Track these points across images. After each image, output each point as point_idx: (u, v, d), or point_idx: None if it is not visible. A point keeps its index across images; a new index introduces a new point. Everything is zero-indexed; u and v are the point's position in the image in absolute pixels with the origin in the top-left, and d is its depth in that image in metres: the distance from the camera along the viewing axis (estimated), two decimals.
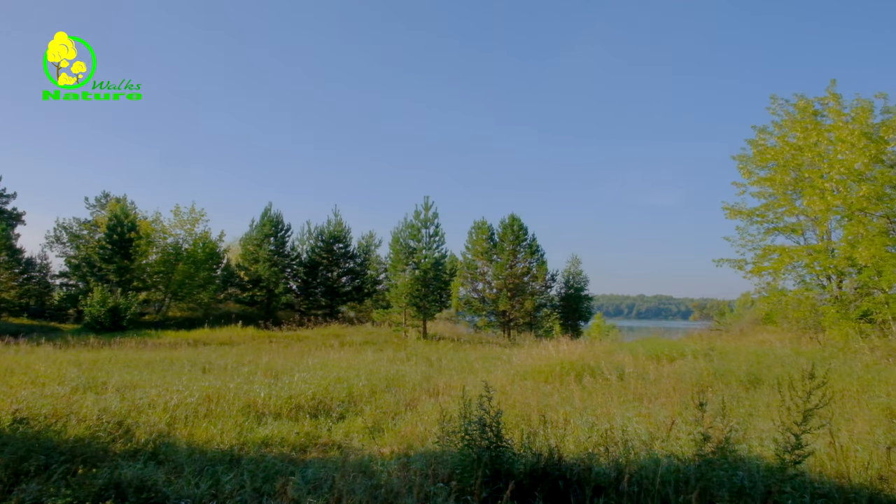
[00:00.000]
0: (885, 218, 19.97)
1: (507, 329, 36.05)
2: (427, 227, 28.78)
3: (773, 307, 23.30)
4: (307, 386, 10.51)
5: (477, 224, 38.20)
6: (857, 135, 19.92)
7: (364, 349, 20.07)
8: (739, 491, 4.49)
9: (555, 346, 15.94)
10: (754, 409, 8.63)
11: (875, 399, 8.88)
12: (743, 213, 23.87)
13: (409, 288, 27.63)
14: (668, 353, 14.97)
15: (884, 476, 5.24)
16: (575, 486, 4.89)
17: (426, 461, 5.46)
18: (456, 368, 14.85)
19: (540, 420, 7.39)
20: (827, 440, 5.83)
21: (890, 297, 18.87)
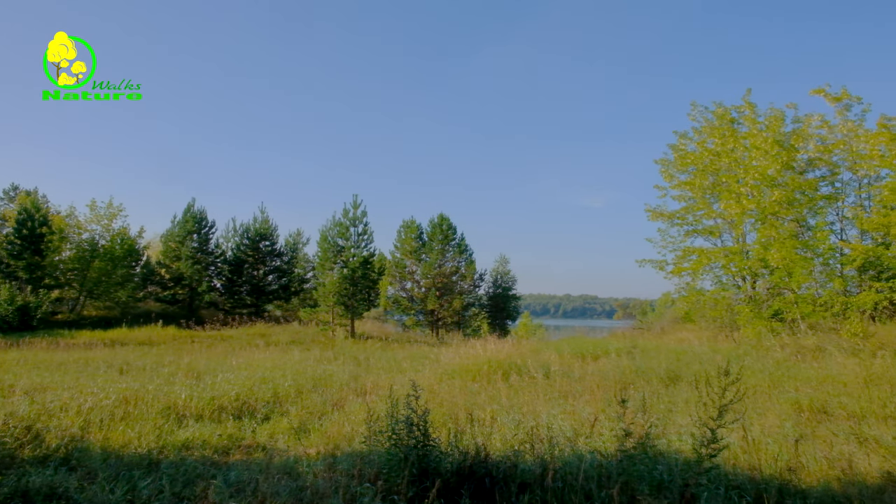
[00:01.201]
0: (794, 222, 21.00)
1: (436, 328, 36.16)
2: (356, 225, 28.55)
3: (692, 306, 24.17)
4: (231, 387, 10.25)
5: (406, 223, 38.20)
6: (771, 142, 20.87)
7: (290, 349, 19.72)
8: (659, 484, 4.62)
9: (482, 345, 16.06)
10: (673, 405, 8.90)
11: (785, 394, 9.31)
12: (664, 216, 24.67)
13: (337, 287, 27.34)
14: (592, 352, 15.31)
15: (792, 467, 5.50)
16: (501, 484, 4.92)
17: (353, 461, 5.40)
18: (384, 368, 14.78)
19: (467, 418, 7.42)
20: (740, 434, 6.06)
21: (799, 298, 19.86)
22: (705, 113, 24.22)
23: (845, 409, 8.20)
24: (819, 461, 5.81)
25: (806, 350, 14.22)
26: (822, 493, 4.98)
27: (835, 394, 9.07)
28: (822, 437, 6.80)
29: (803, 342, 15.36)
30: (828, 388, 9.61)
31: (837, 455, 5.98)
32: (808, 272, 19.72)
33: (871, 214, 20.66)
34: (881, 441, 6.51)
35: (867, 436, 6.77)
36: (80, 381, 10.70)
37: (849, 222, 21.71)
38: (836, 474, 5.47)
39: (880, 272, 19.88)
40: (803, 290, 20.19)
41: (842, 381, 9.95)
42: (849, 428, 7.21)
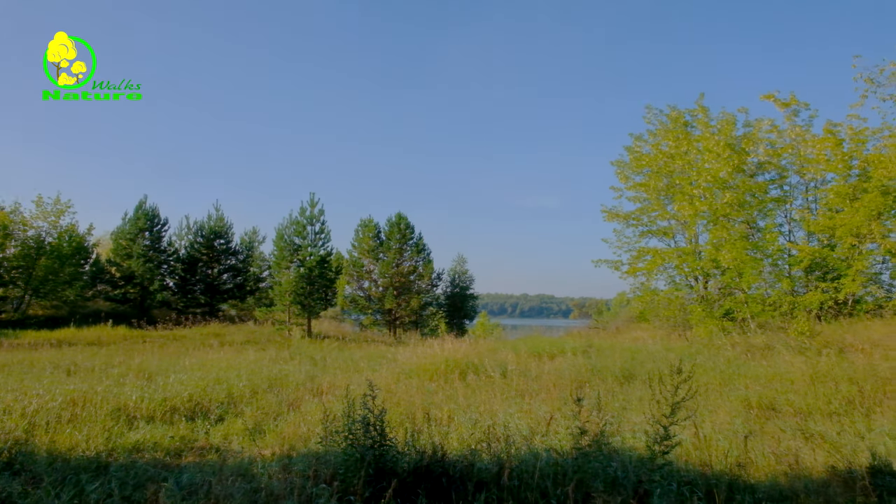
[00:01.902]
0: (745, 223, 21.52)
1: (393, 327, 36.05)
2: (313, 223, 28.28)
3: (647, 306, 24.58)
4: (183, 387, 10.04)
5: (364, 222, 37.97)
6: (723, 145, 21.35)
7: (245, 348, 19.43)
8: (613, 481, 4.67)
9: (440, 345, 16.06)
10: (628, 403, 9.03)
11: (735, 392, 9.53)
12: (620, 217, 25.03)
13: (294, 286, 27.05)
14: (549, 351, 15.44)
15: (742, 463, 5.62)
16: (458, 483, 4.93)
17: (308, 462, 5.34)
18: (341, 367, 14.66)
19: (424, 418, 7.41)
20: (692, 431, 6.18)
21: (749, 298, 20.36)
22: (660, 116, 24.67)
23: (792, 406, 8.43)
24: (767, 457, 5.95)
25: (755, 348, 14.58)
26: (770, 488, 5.11)
27: (783, 391, 9.32)
28: (771, 434, 6.97)
29: (753, 341, 15.75)
30: (776, 385, 9.87)
31: (785, 450, 6.14)
32: (757, 272, 20.25)
33: (817, 217, 21.30)
34: (826, 436, 6.71)
35: (813, 431, 6.98)
36: (25, 383, 10.33)
37: (796, 224, 22.35)
38: (784, 469, 5.62)
39: (826, 273, 20.51)
40: (753, 290, 20.72)
41: (789, 379, 10.22)
42: (796, 424, 7.42)
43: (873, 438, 6.51)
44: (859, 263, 19.17)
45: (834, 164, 20.91)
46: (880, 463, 5.42)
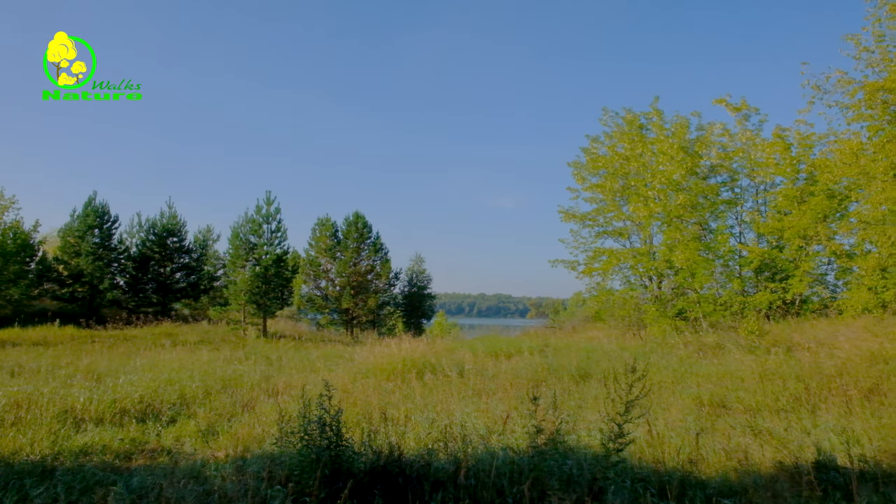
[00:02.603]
0: (698, 225, 21.99)
1: (351, 327, 35.83)
2: (269, 222, 27.91)
3: (602, 305, 24.89)
4: (134, 388, 9.79)
5: (321, 220, 37.63)
6: (676, 148, 21.76)
7: (199, 348, 19.05)
8: (569, 479, 4.71)
9: (397, 344, 16.01)
10: (583, 402, 9.13)
11: (687, 390, 9.71)
12: (576, 217, 25.29)
13: (249, 285, 26.66)
14: (506, 350, 15.53)
15: (693, 459, 5.73)
16: (414, 483, 4.91)
17: (263, 463, 5.26)
18: (297, 367, 14.51)
19: (381, 418, 7.37)
20: (646, 429, 6.26)
21: (701, 297, 20.80)
22: (616, 118, 25.02)
23: (742, 403, 8.63)
24: (718, 453, 6.07)
25: (707, 347, 14.89)
26: (721, 484, 5.21)
27: (733, 389, 9.53)
28: (721, 430, 7.12)
29: (705, 340, 16.07)
30: (727, 383, 10.09)
31: (735, 447, 6.27)
32: (709, 273, 20.70)
33: (766, 219, 21.89)
34: (774, 433, 6.88)
35: (761, 428, 7.14)
36: None
37: (747, 226, 22.92)
38: (734, 465, 5.74)
39: (775, 273, 21.07)
40: (705, 290, 21.18)
41: (739, 377, 10.47)
42: (745, 421, 7.58)
43: (819, 434, 6.70)
44: (806, 264, 19.74)
45: (782, 168, 21.50)
46: (825, 458, 5.58)
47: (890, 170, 12.63)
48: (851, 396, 8.48)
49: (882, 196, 13.07)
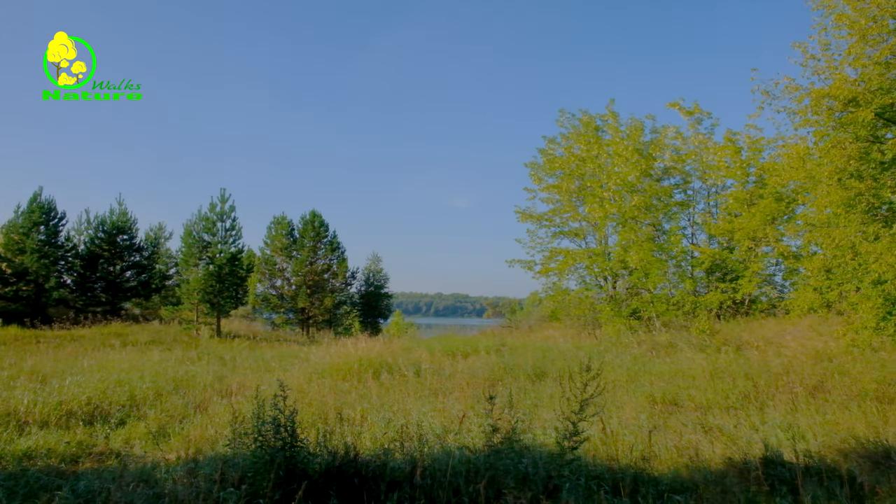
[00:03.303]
0: (652, 226, 22.39)
1: (306, 326, 35.47)
2: (223, 220, 27.40)
3: (558, 305, 25.14)
4: (81, 390, 9.50)
5: (277, 219, 37.12)
6: (631, 150, 22.12)
7: (150, 349, 18.60)
8: (524, 477, 4.73)
9: (354, 344, 15.90)
10: (539, 400, 9.20)
11: (641, 388, 9.87)
12: (533, 217, 25.48)
13: (203, 284, 26.15)
14: (462, 350, 15.55)
15: (646, 456, 5.82)
16: (370, 483, 4.88)
17: (215, 465, 5.15)
18: (251, 367, 14.29)
19: (337, 418, 7.30)
20: (600, 427, 6.34)
21: (655, 297, 21.17)
22: (572, 120, 25.29)
23: (693, 401, 8.80)
24: (670, 450, 6.18)
25: (660, 346, 15.16)
26: (673, 480, 5.31)
27: (685, 387, 9.72)
28: (673, 428, 7.25)
29: (658, 339, 16.36)
30: (679, 381, 10.29)
31: (686, 444, 6.39)
32: (662, 273, 21.10)
33: (717, 221, 22.40)
34: (723, 430, 7.04)
35: (712, 425, 7.30)
36: None
37: (699, 227, 23.44)
38: (685, 462, 5.85)
39: (725, 274, 21.58)
40: (658, 290, 21.58)
41: (691, 375, 10.68)
42: (696, 418, 7.74)
43: (766, 431, 6.87)
44: (755, 265, 20.28)
45: (733, 171, 22.03)
46: (772, 454, 5.73)
47: (834, 174, 13.02)
48: (797, 394, 8.73)
49: (827, 199, 13.47)
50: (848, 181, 12.80)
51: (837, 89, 12.60)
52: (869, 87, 12.43)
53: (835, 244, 13.02)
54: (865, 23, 12.59)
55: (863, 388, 8.58)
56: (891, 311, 11.92)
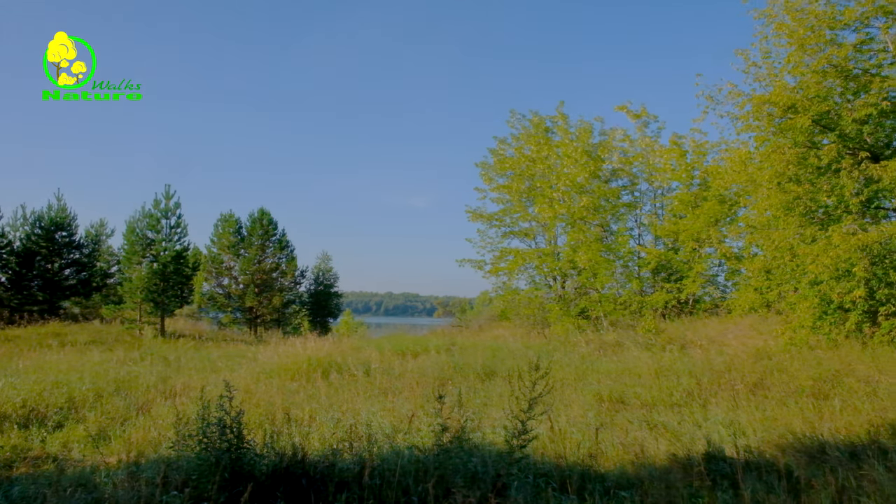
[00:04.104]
0: (600, 227, 22.75)
1: (254, 326, 34.93)
2: (168, 217, 26.74)
3: (508, 305, 25.34)
4: (16, 392, 9.15)
5: (224, 216, 36.40)
6: (580, 152, 22.45)
7: (90, 349, 18.03)
8: (473, 476, 4.74)
9: (302, 344, 15.71)
10: (489, 399, 9.24)
11: (588, 386, 10.01)
12: (483, 217, 25.63)
13: (146, 282, 25.49)
14: (412, 349, 15.53)
15: (593, 454, 5.90)
16: (318, 484, 4.82)
17: (158, 469, 5.02)
18: (196, 368, 13.99)
19: (284, 418, 7.21)
20: (548, 425, 6.40)
21: (602, 297, 21.51)
22: (523, 121, 25.54)
23: (639, 399, 8.97)
24: (616, 447, 6.29)
25: (607, 345, 15.41)
26: (619, 476, 5.39)
27: (631, 385, 9.90)
28: (620, 425, 7.37)
29: (605, 338, 16.62)
30: (625, 379, 10.48)
31: (632, 440, 6.51)
32: (610, 273, 21.48)
33: (663, 222, 22.91)
34: (668, 426, 7.19)
35: (657, 422, 7.45)
36: None
37: (645, 228, 23.94)
38: (631, 458, 5.95)
39: (670, 274, 22.07)
40: (606, 290, 21.95)
41: (637, 373, 10.89)
42: (642, 415, 7.89)
43: (709, 427, 7.04)
44: (699, 266, 20.80)
45: (678, 174, 22.57)
46: (714, 449, 5.87)
47: (774, 178, 13.44)
48: (738, 391, 8.98)
49: (767, 202, 13.91)
50: (787, 185, 13.23)
51: (777, 96, 13.02)
52: (807, 95, 12.88)
53: (774, 246, 13.43)
54: (804, 32, 13.03)
55: (800, 385, 8.87)
56: (826, 311, 12.37)
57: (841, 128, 12.53)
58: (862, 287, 11.37)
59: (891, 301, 11.58)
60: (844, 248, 11.20)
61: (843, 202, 12.45)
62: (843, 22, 12.89)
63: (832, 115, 12.79)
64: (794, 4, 13.36)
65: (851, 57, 13.00)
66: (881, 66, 13.01)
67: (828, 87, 13.15)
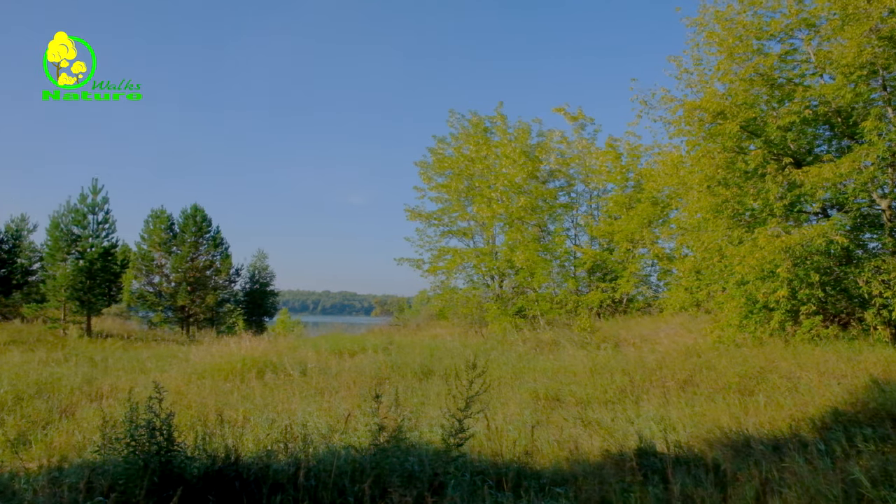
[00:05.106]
0: (537, 227, 23.07)
1: (187, 325, 34.02)
2: (95, 212, 25.73)
3: (446, 304, 25.40)
4: None
5: (155, 212, 35.23)
6: (518, 152, 22.71)
7: (9, 349, 17.22)
8: (410, 475, 4.73)
9: (237, 343, 15.41)
10: (426, 398, 9.24)
11: (525, 385, 10.12)
12: (422, 216, 25.61)
13: (71, 280, 24.48)
14: (350, 348, 15.42)
15: (529, 451, 5.97)
16: (252, 486, 4.72)
17: (82, 474, 4.82)
18: (125, 369, 13.52)
19: (217, 420, 7.04)
20: (485, 423, 6.44)
21: (540, 296, 21.82)
22: (462, 121, 25.65)
23: (574, 396, 9.12)
24: (552, 444, 6.37)
25: (544, 344, 15.62)
26: (554, 473, 5.47)
27: (566, 383, 10.05)
28: (555, 423, 7.48)
29: (542, 336, 16.85)
30: (561, 377, 10.63)
31: (567, 437, 6.61)
32: (547, 273, 21.81)
33: (599, 223, 23.41)
34: (602, 423, 7.33)
35: (591, 419, 7.59)
36: None
37: (581, 229, 24.41)
38: (566, 455, 6.04)
39: (605, 274, 22.56)
40: (543, 290, 22.28)
41: (572, 371, 11.06)
42: (577, 413, 8.02)
43: (641, 423, 7.21)
44: (633, 266, 21.32)
45: (614, 176, 23.10)
46: (646, 445, 6.02)
47: (704, 182, 13.88)
48: (669, 387, 9.23)
49: (697, 205, 14.36)
50: (716, 188, 13.68)
51: (707, 102, 13.45)
52: (735, 102, 13.34)
53: (704, 247, 13.87)
54: (733, 41, 13.51)
55: (727, 381, 9.17)
56: (752, 311, 12.84)
57: (767, 134, 13.02)
58: (785, 287, 11.83)
59: (811, 301, 12.09)
60: (769, 250, 11.63)
61: (768, 206, 12.94)
62: (769, 32, 13.42)
63: (759, 121, 13.28)
64: (724, 14, 13.84)
65: (777, 66, 13.56)
66: (804, 76, 13.60)
67: (755, 94, 13.68)
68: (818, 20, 13.12)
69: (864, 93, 12.24)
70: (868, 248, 13.01)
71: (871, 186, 12.31)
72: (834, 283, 12.56)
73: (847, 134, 13.14)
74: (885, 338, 11.20)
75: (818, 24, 13.16)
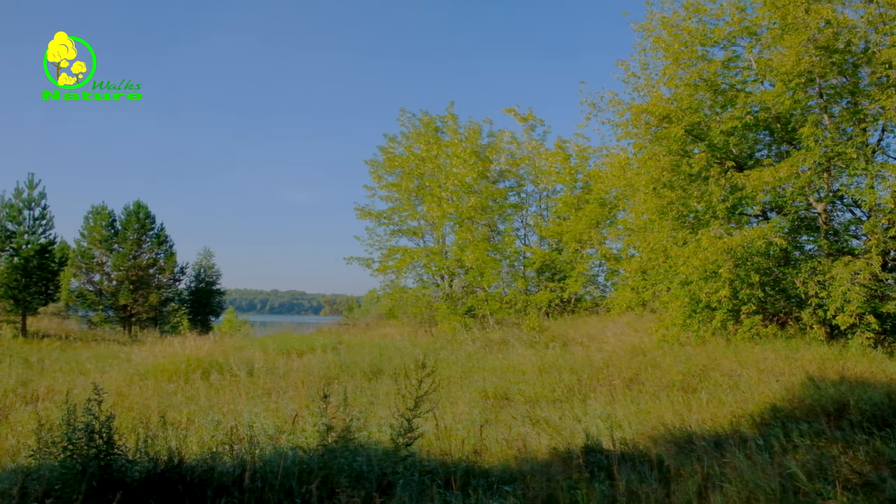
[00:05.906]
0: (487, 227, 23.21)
1: (129, 325, 33.09)
2: (31, 208, 24.79)
3: (396, 303, 25.32)
4: None
5: (95, 209, 34.13)
6: (469, 152, 22.79)
7: None
8: (358, 475, 4.69)
9: (181, 343, 15.04)
10: (375, 398, 9.19)
11: (474, 384, 10.15)
12: (372, 215, 25.47)
13: (6, 278, 23.55)
14: (298, 348, 15.24)
15: (478, 450, 5.99)
16: (196, 489, 4.62)
17: (15, 479, 4.64)
18: (63, 370, 13.07)
19: (160, 422, 6.86)
20: (434, 423, 6.44)
21: (489, 296, 21.94)
22: (413, 120, 25.60)
23: (523, 395, 9.19)
24: (500, 443, 6.41)
25: (493, 343, 15.71)
26: (502, 471, 5.49)
27: (515, 381, 10.13)
28: (504, 421, 7.52)
29: (491, 336, 16.94)
30: (510, 376, 10.71)
31: (515, 436, 6.66)
32: (497, 272, 21.95)
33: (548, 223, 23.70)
34: (550, 421, 7.41)
35: (539, 417, 7.66)
36: None
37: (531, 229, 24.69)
38: (514, 453, 6.08)
39: (554, 274, 22.84)
40: (493, 289, 22.42)
41: (521, 370, 11.15)
42: (525, 411, 8.09)
43: (588, 421, 7.31)
44: (581, 266, 21.64)
45: (563, 177, 23.40)
46: (592, 442, 6.11)
47: (650, 184, 14.17)
48: (616, 386, 9.39)
49: (644, 206, 14.66)
50: (661, 190, 13.97)
51: (654, 106, 13.74)
52: (680, 106, 13.66)
53: (650, 248, 14.16)
54: (678, 47, 13.82)
55: (671, 379, 9.37)
56: (695, 310, 13.16)
57: (710, 138, 13.37)
58: (727, 287, 12.16)
59: (752, 300, 12.46)
60: (712, 251, 11.94)
61: (711, 208, 13.28)
62: (713, 39, 13.77)
63: (703, 126, 13.63)
64: (670, 20, 14.14)
65: (720, 73, 13.93)
66: (746, 83, 14.00)
67: (699, 99, 14.03)
68: (759, 29, 13.53)
69: (802, 100, 12.66)
70: (805, 250, 13.45)
71: (808, 190, 12.76)
72: (773, 284, 12.97)
73: (786, 139, 13.58)
74: (820, 336, 11.59)
75: (759, 32, 13.57)
